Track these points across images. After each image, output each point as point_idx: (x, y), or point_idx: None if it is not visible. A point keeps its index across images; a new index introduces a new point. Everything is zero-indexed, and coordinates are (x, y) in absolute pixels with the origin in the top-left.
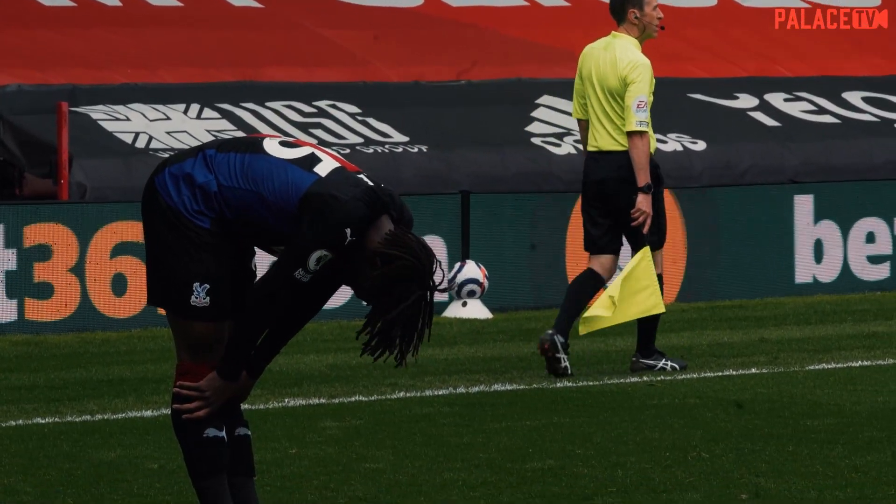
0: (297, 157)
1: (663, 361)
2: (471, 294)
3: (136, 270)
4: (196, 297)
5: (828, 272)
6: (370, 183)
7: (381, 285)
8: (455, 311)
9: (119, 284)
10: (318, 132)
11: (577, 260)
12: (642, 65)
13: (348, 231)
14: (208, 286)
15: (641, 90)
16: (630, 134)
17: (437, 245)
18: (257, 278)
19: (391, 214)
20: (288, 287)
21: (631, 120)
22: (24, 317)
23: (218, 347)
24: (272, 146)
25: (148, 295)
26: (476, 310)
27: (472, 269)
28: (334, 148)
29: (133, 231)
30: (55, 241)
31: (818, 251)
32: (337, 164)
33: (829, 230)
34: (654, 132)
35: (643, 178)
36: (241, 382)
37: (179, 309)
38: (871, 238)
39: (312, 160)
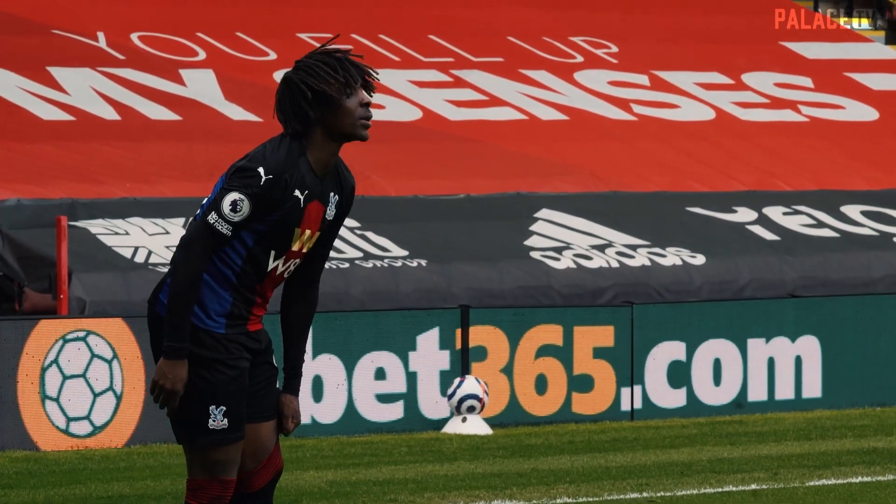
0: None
1: None
2: (470, 410)
3: (134, 387)
4: (214, 420)
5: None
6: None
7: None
8: (455, 426)
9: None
10: None
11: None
12: None
13: (260, 170)
14: (224, 408)
15: None
16: None
17: (436, 359)
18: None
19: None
20: (205, 237)
21: None
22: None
23: (236, 465)
24: None
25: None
26: (476, 426)
27: (471, 385)
28: (333, 262)
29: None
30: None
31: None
32: None
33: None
34: (654, 245)
35: None
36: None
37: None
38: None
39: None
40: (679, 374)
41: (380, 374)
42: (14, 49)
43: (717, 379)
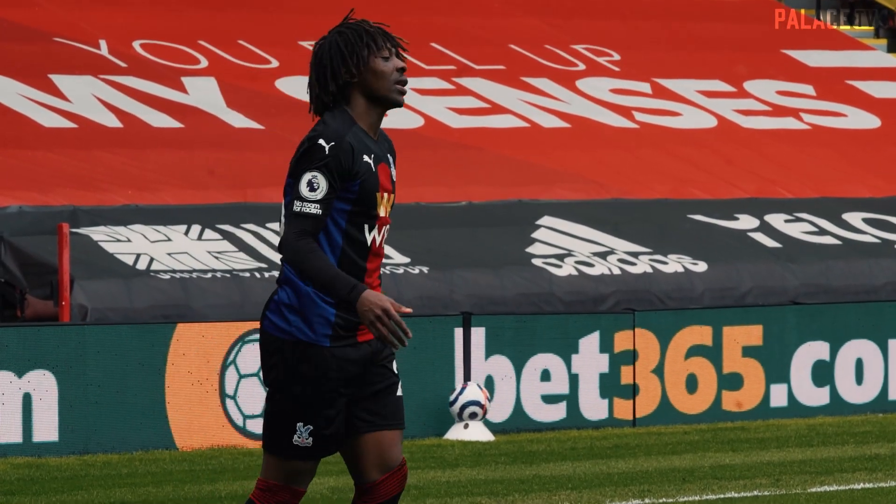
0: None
1: None
2: (472, 416)
3: (139, 392)
4: (299, 437)
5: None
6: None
7: None
8: (457, 433)
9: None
10: None
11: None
12: None
13: (321, 141)
14: (312, 427)
15: None
16: None
17: (438, 367)
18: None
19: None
20: (300, 227)
21: None
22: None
23: (311, 477)
24: None
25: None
26: (478, 432)
27: (473, 391)
28: None
29: (145, 351)
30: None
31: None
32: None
33: (822, 349)
34: (655, 253)
35: None
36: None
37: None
38: (860, 363)
39: None
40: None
41: None
42: (16, 56)
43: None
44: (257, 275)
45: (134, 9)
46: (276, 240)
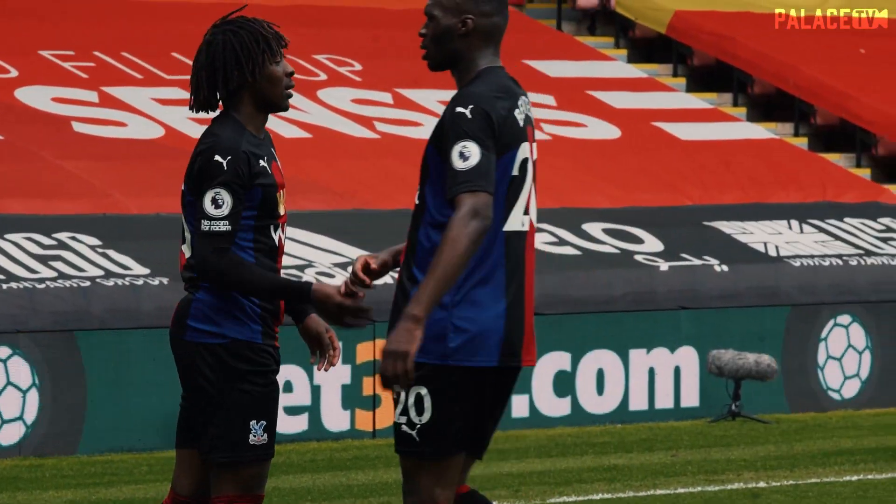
0: None
1: None
2: None
3: None
4: (254, 436)
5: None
6: None
7: None
8: None
9: None
10: (58, 264)
11: None
12: None
13: (217, 158)
14: (265, 422)
15: None
16: None
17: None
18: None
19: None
20: (213, 247)
21: None
22: None
23: (266, 480)
24: None
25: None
26: None
27: None
28: (73, 280)
29: None
30: None
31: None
32: None
33: (563, 360)
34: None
35: None
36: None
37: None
38: (600, 373)
39: None
40: None
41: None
42: None
43: None
44: None
45: None
46: (14, 251)
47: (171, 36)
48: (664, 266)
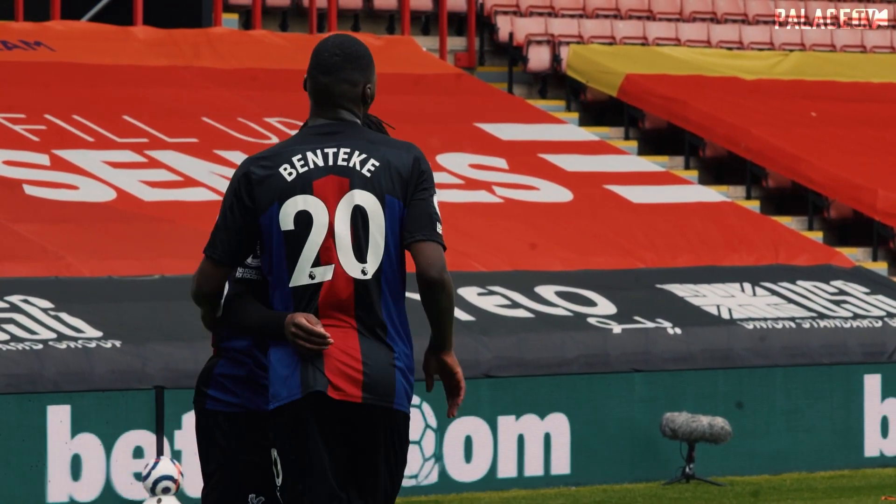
0: None
1: None
2: (165, 491)
3: None
4: None
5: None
6: None
7: None
8: None
9: None
10: (10, 327)
11: None
12: None
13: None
14: (263, 499)
15: None
16: None
17: (131, 441)
18: None
19: None
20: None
21: None
22: None
23: None
24: None
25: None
26: None
27: (166, 466)
28: (26, 343)
29: None
30: None
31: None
32: None
33: (514, 423)
34: None
35: None
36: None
37: None
38: (547, 437)
39: None
40: None
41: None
42: None
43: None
44: None
45: None
46: None
47: (122, 99)
48: (617, 329)
